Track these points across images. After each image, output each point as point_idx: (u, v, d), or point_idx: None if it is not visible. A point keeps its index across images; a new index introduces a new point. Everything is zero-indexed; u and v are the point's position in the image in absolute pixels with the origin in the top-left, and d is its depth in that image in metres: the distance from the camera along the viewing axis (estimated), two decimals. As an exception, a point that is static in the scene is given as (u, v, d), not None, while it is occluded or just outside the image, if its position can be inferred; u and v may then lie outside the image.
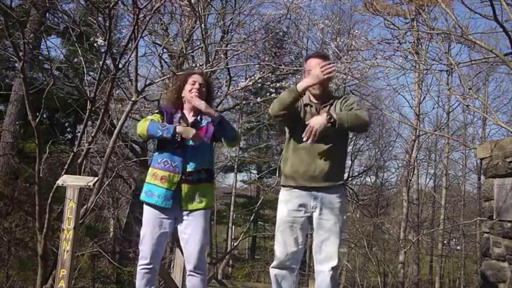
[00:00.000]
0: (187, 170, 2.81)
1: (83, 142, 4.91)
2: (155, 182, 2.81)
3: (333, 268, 2.77)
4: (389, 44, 7.75)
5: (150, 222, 2.81)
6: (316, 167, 2.81)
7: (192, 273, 2.80)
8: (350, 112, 2.77)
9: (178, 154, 2.81)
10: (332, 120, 2.67)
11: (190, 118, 2.93)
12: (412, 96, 15.28)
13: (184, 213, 2.81)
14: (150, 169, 2.88)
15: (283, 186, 2.94)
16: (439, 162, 20.04)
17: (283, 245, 2.83)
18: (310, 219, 2.86)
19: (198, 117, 2.92)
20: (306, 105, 2.92)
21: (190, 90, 2.92)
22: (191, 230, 2.79)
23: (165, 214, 2.81)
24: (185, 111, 2.97)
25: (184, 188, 2.80)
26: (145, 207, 2.87)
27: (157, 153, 2.89)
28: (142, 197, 2.86)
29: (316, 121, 2.69)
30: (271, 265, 2.89)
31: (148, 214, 2.83)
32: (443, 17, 6.78)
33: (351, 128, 2.79)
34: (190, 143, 2.83)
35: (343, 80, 10.29)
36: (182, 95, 2.96)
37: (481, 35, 9.20)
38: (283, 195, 2.92)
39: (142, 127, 2.83)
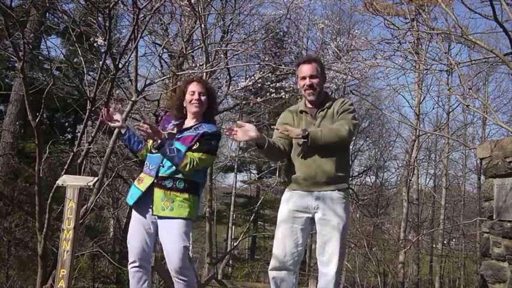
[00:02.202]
0: (160, 175, 2.79)
1: (83, 142, 4.90)
2: (135, 183, 2.91)
3: (336, 272, 2.74)
4: (390, 44, 7.76)
5: (133, 222, 2.88)
6: (320, 172, 2.78)
7: (175, 278, 2.78)
8: (329, 128, 2.75)
9: (157, 158, 2.82)
10: (307, 140, 2.67)
11: (187, 125, 2.95)
12: (412, 96, 15.29)
13: (158, 218, 2.80)
14: None
15: (286, 188, 2.92)
16: (439, 162, 20.04)
17: (282, 245, 2.79)
18: (312, 220, 2.82)
19: (193, 127, 2.88)
20: (301, 111, 2.91)
21: (190, 102, 2.92)
22: (166, 236, 2.77)
23: (145, 215, 2.84)
24: (187, 121, 2.99)
25: (156, 192, 2.79)
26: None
27: None
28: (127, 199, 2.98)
29: (294, 132, 2.72)
30: (269, 267, 2.84)
31: (132, 214, 2.91)
32: (443, 17, 6.79)
33: (327, 145, 2.73)
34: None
35: (343, 80, 10.28)
36: (184, 105, 2.97)
37: (481, 35, 9.23)
38: (285, 195, 2.90)
39: None
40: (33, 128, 4.31)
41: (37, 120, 4.29)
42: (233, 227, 19.51)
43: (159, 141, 2.72)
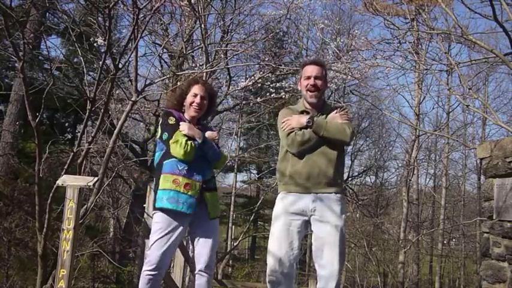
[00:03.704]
0: (205, 179, 2.85)
1: (83, 142, 4.90)
2: (178, 188, 2.74)
3: (338, 273, 2.71)
4: (389, 44, 7.76)
5: (163, 230, 2.74)
6: (320, 173, 2.78)
7: (201, 272, 2.83)
8: (335, 123, 2.81)
9: (196, 163, 2.81)
10: (311, 123, 2.77)
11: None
12: (412, 96, 15.31)
13: (203, 219, 2.87)
14: (168, 175, 2.77)
15: (282, 189, 2.89)
16: (439, 162, 20.05)
17: (278, 249, 2.77)
18: (307, 223, 2.80)
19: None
20: (302, 112, 2.92)
21: (191, 104, 2.91)
22: (207, 233, 2.87)
23: (180, 222, 2.77)
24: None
25: (207, 196, 2.85)
26: (159, 214, 2.77)
27: (173, 159, 2.78)
28: (165, 204, 2.73)
29: (297, 120, 2.83)
30: (267, 272, 2.82)
31: (163, 221, 2.75)
32: (443, 17, 6.80)
33: (327, 137, 2.79)
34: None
35: (343, 80, 10.29)
36: (183, 104, 2.96)
37: (481, 35, 9.22)
38: (281, 197, 2.88)
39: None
40: (33, 128, 4.30)
41: (37, 120, 4.29)
42: (233, 227, 19.50)
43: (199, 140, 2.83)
